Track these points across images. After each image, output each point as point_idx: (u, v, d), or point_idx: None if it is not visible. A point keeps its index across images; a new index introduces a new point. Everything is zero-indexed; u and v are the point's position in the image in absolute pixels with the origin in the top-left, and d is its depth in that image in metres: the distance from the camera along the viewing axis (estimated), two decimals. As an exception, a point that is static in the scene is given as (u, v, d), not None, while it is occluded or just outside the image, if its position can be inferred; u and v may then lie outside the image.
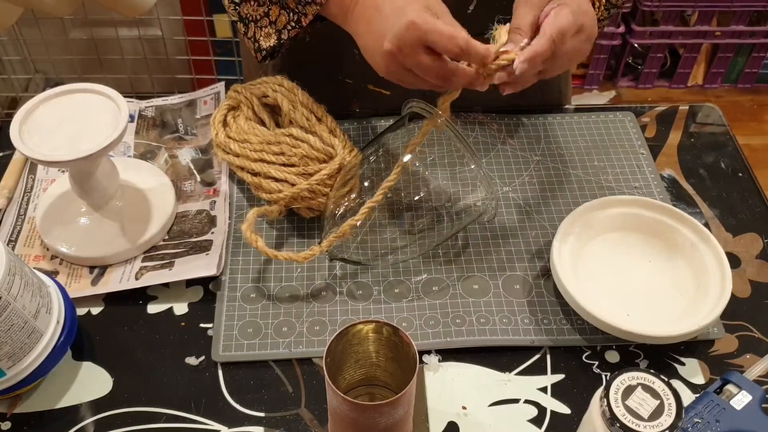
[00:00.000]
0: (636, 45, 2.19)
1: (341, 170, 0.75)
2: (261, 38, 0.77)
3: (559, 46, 0.65)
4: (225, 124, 0.79)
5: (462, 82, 0.66)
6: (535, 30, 0.67)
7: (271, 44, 0.77)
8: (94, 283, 0.76)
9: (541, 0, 0.67)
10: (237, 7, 0.77)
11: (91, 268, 0.77)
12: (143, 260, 0.77)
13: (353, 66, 0.89)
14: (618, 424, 0.52)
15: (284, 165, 0.75)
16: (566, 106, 0.96)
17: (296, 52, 0.88)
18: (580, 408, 0.67)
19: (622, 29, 2.13)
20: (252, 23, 0.77)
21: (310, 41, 0.86)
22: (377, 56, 0.66)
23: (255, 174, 0.76)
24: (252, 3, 0.76)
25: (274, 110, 0.81)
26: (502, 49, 0.66)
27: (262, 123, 0.80)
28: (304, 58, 0.90)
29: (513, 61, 0.65)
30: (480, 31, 0.80)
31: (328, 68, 0.89)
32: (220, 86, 0.95)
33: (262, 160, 0.76)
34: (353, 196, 0.74)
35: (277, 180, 0.75)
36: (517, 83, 0.67)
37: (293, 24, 0.74)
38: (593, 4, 0.71)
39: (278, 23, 0.75)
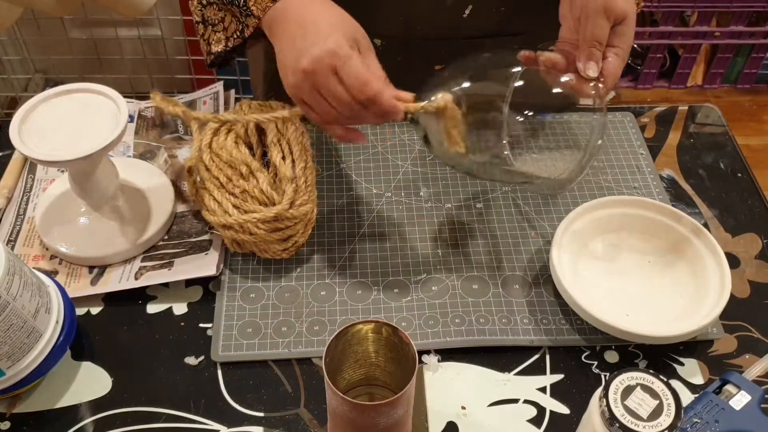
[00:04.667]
0: (635, 45, 2.19)
1: (277, 220, 0.72)
2: (212, 42, 0.77)
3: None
4: (216, 133, 0.78)
5: (365, 123, 0.66)
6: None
7: (219, 49, 0.77)
8: (93, 282, 0.76)
9: (615, 16, 0.67)
10: (203, 9, 0.77)
11: (91, 267, 0.77)
12: (143, 260, 0.77)
13: None
14: (617, 424, 0.52)
15: (229, 192, 0.73)
16: (572, 105, 0.96)
17: (226, 56, 0.88)
18: (579, 408, 0.67)
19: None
20: (210, 26, 0.78)
21: None
22: (291, 72, 0.64)
23: (203, 188, 0.75)
24: (214, 7, 0.76)
25: (265, 134, 0.79)
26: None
27: (251, 145, 0.78)
28: None
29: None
30: (474, 35, 0.81)
31: None
32: (219, 86, 0.95)
33: (217, 178, 0.74)
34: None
35: (216, 201, 0.73)
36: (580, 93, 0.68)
37: (238, 34, 0.74)
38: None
39: (228, 30, 0.75)
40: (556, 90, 0.67)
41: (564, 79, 0.66)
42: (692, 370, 0.70)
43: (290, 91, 0.66)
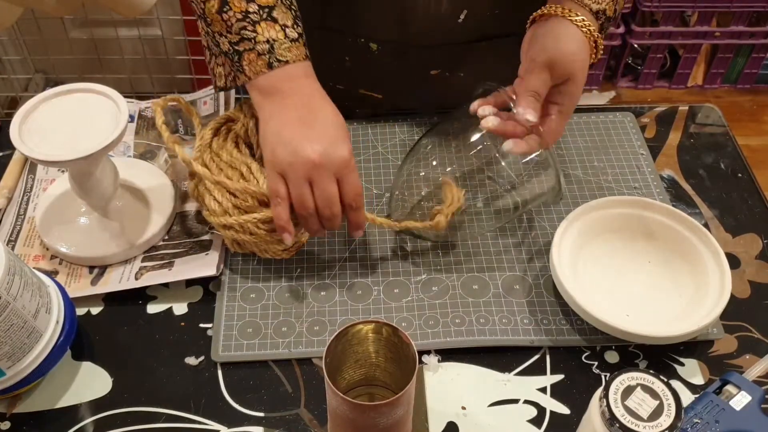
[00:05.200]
0: (636, 45, 2.19)
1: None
2: (216, 75, 0.77)
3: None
4: (216, 133, 0.78)
5: (329, 228, 0.69)
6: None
7: (221, 85, 0.77)
8: (93, 282, 0.76)
9: (560, 76, 0.70)
10: (207, 35, 0.76)
11: (91, 267, 0.77)
12: (143, 260, 0.77)
13: (343, 72, 0.89)
14: (617, 425, 0.52)
15: (229, 192, 0.72)
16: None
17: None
18: (579, 408, 0.67)
19: (621, 30, 2.13)
20: (213, 57, 0.77)
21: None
22: (292, 152, 0.65)
23: (204, 188, 0.74)
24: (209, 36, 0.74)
25: None
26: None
27: (251, 146, 0.78)
28: None
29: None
30: (470, 39, 0.80)
31: (318, 74, 0.89)
32: (220, 86, 0.95)
33: (216, 180, 0.74)
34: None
35: (217, 201, 0.72)
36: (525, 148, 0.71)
37: (231, 78, 0.74)
38: (594, 43, 0.72)
39: (225, 67, 0.76)
40: (505, 146, 0.71)
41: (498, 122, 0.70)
42: (692, 370, 0.70)
43: (281, 164, 0.66)
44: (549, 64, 0.69)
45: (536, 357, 0.71)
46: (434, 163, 0.76)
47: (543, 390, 0.68)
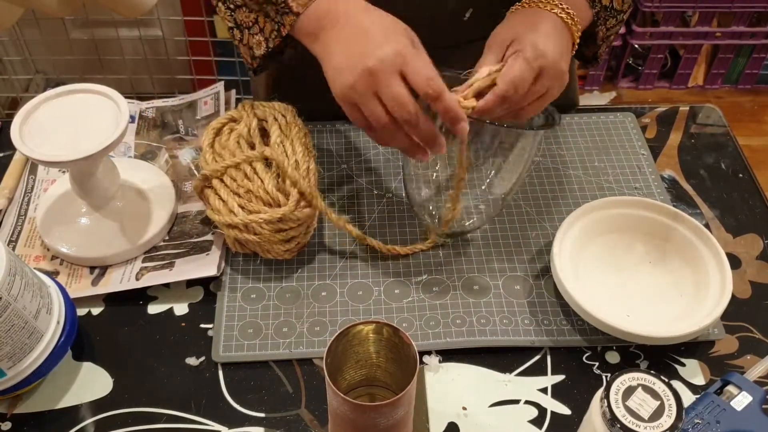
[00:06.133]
0: (636, 46, 2.19)
1: (281, 221, 0.72)
2: (254, 45, 0.77)
3: (519, 95, 0.65)
4: (218, 133, 0.78)
5: (421, 132, 0.65)
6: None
7: (262, 52, 0.76)
8: (94, 283, 0.76)
9: (503, 40, 0.68)
10: (233, 13, 0.76)
11: (92, 268, 0.77)
12: (144, 260, 0.77)
13: None
14: (618, 425, 0.52)
15: (233, 192, 0.73)
16: (571, 108, 0.96)
17: (272, 60, 0.88)
18: (580, 409, 0.67)
19: (622, 30, 2.13)
20: (246, 30, 0.77)
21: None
22: (349, 73, 0.64)
23: (209, 187, 0.74)
24: (244, 9, 0.75)
25: (267, 135, 0.79)
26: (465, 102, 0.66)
27: (254, 147, 0.78)
28: (306, 58, 0.90)
29: (471, 109, 0.65)
30: (474, 38, 0.80)
31: (320, 73, 0.89)
32: (220, 86, 0.95)
33: (220, 179, 0.74)
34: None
35: (222, 200, 0.73)
36: (482, 117, 0.67)
37: (275, 33, 0.73)
38: (574, 25, 0.70)
39: (265, 31, 0.75)
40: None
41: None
42: (693, 370, 0.70)
43: (343, 91, 0.65)
44: (491, 41, 0.68)
45: (537, 357, 0.71)
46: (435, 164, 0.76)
47: (544, 390, 0.68)
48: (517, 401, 0.68)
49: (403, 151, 0.68)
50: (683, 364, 0.70)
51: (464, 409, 0.67)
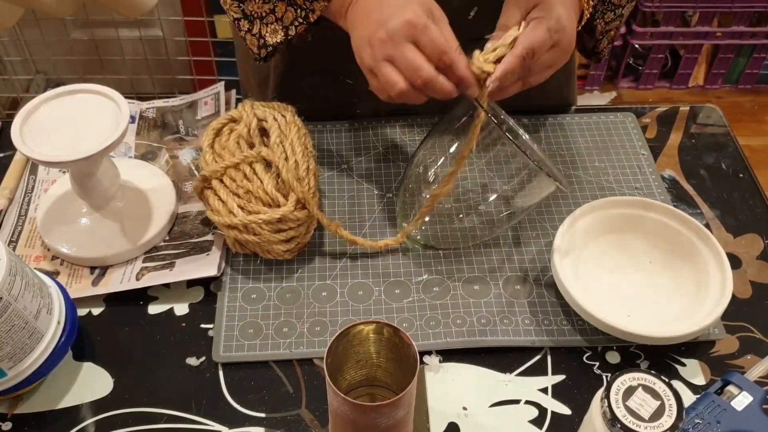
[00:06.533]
0: (637, 46, 2.19)
1: (281, 221, 0.72)
2: (267, 34, 0.77)
3: (532, 61, 0.66)
4: (218, 133, 0.78)
5: (438, 93, 0.66)
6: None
7: (278, 40, 0.77)
8: (94, 283, 0.76)
9: (528, 1, 0.68)
10: (241, 5, 0.77)
11: (92, 268, 0.77)
12: (144, 261, 0.77)
13: (354, 67, 0.89)
14: (619, 425, 0.52)
15: (232, 192, 0.73)
16: (569, 107, 0.96)
17: (297, 53, 0.88)
18: (580, 409, 0.67)
19: (623, 30, 2.13)
20: (257, 20, 0.77)
21: (312, 41, 0.86)
22: (366, 44, 0.67)
23: (209, 188, 0.74)
24: (258, 0, 0.76)
25: (267, 135, 0.79)
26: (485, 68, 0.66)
27: (253, 146, 0.78)
28: (305, 58, 0.90)
29: (489, 74, 0.66)
30: (478, 36, 0.80)
31: (328, 69, 0.89)
32: (220, 86, 0.95)
33: (220, 180, 0.74)
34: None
35: (221, 201, 0.73)
36: (495, 95, 0.68)
37: (300, 20, 0.75)
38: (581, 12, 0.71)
39: (285, 19, 0.75)
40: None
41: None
42: (694, 370, 0.70)
43: (362, 61, 0.68)
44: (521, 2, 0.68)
45: (537, 357, 0.71)
46: (437, 164, 0.76)
47: (544, 390, 0.68)
48: (517, 401, 0.68)
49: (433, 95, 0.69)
50: (684, 364, 0.70)
51: (464, 409, 0.67)
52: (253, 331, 0.72)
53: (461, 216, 0.77)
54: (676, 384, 0.68)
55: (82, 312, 0.73)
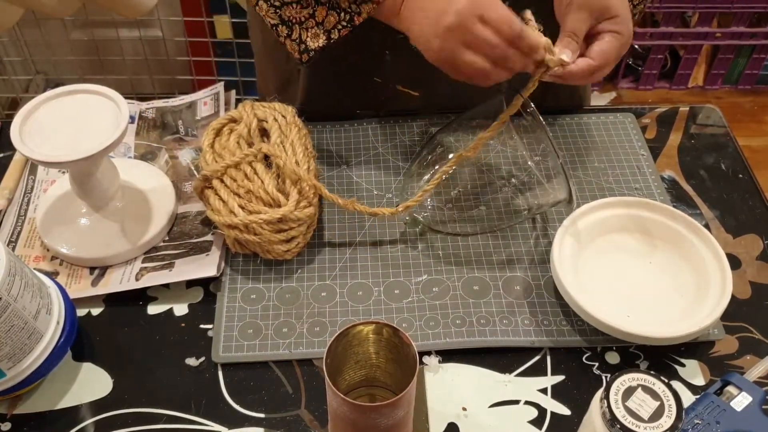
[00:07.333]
0: (636, 46, 2.19)
1: (282, 221, 0.72)
2: (308, 39, 0.76)
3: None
4: (218, 133, 0.78)
5: (515, 67, 0.67)
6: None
7: (320, 44, 0.76)
8: (94, 283, 0.76)
9: (599, 10, 0.69)
10: (278, 10, 0.76)
11: (92, 268, 0.77)
12: (143, 261, 0.77)
13: (382, 65, 0.88)
14: (618, 426, 0.52)
15: (233, 192, 0.73)
16: (580, 106, 0.96)
17: (326, 53, 0.88)
18: (580, 409, 0.67)
19: (622, 30, 2.13)
20: (297, 25, 0.76)
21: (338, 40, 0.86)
22: (434, 37, 0.66)
23: (209, 187, 0.74)
24: (295, 6, 0.75)
25: (267, 135, 0.79)
26: (553, 55, 0.68)
27: (252, 146, 0.78)
28: (333, 56, 0.89)
29: (559, 62, 0.67)
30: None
31: (356, 66, 0.89)
32: (220, 86, 0.95)
33: (220, 180, 0.74)
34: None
35: (222, 200, 0.73)
36: (564, 80, 0.69)
37: (344, 23, 0.74)
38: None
39: (326, 24, 0.75)
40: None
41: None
42: (693, 371, 0.70)
43: (436, 56, 0.67)
44: (584, 2, 0.68)
45: (537, 358, 0.71)
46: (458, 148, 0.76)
47: (544, 391, 0.68)
48: (517, 402, 0.68)
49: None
50: (683, 365, 0.70)
51: (464, 409, 0.67)
52: (253, 332, 0.72)
53: (469, 202, 0.77)
54: (676, 384, 0.68)
55: (81, 312, 0.73)
